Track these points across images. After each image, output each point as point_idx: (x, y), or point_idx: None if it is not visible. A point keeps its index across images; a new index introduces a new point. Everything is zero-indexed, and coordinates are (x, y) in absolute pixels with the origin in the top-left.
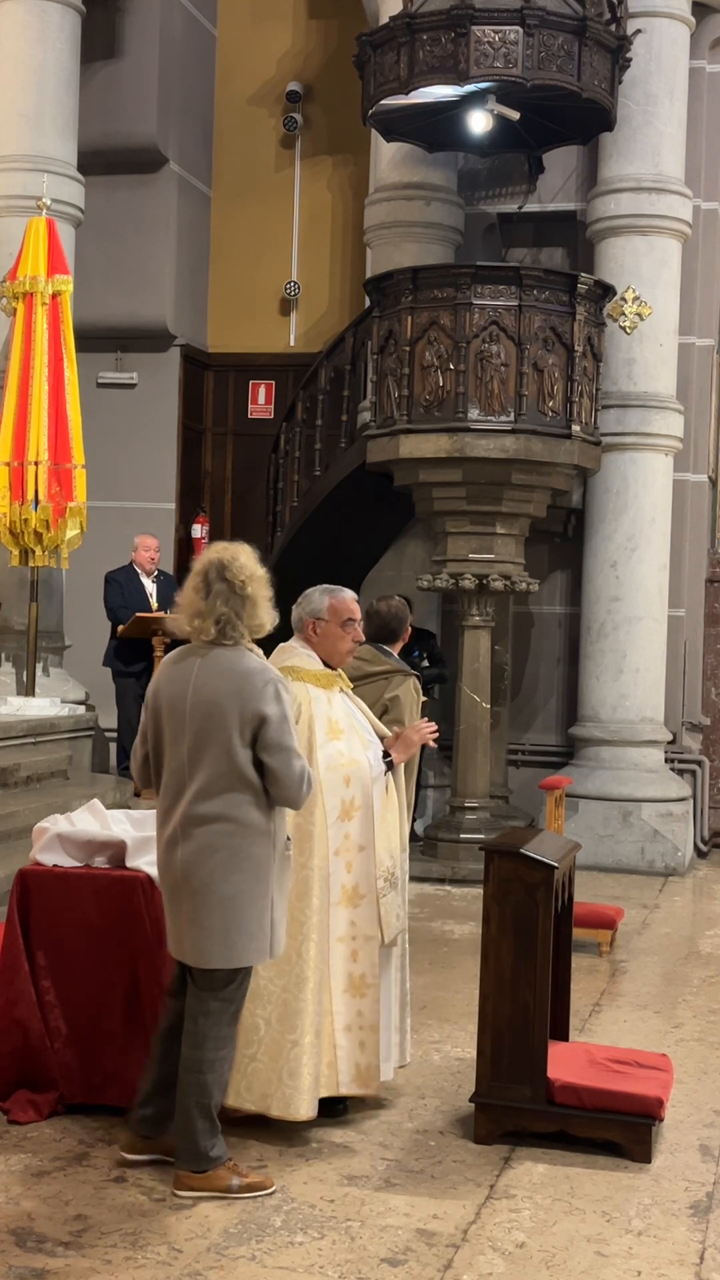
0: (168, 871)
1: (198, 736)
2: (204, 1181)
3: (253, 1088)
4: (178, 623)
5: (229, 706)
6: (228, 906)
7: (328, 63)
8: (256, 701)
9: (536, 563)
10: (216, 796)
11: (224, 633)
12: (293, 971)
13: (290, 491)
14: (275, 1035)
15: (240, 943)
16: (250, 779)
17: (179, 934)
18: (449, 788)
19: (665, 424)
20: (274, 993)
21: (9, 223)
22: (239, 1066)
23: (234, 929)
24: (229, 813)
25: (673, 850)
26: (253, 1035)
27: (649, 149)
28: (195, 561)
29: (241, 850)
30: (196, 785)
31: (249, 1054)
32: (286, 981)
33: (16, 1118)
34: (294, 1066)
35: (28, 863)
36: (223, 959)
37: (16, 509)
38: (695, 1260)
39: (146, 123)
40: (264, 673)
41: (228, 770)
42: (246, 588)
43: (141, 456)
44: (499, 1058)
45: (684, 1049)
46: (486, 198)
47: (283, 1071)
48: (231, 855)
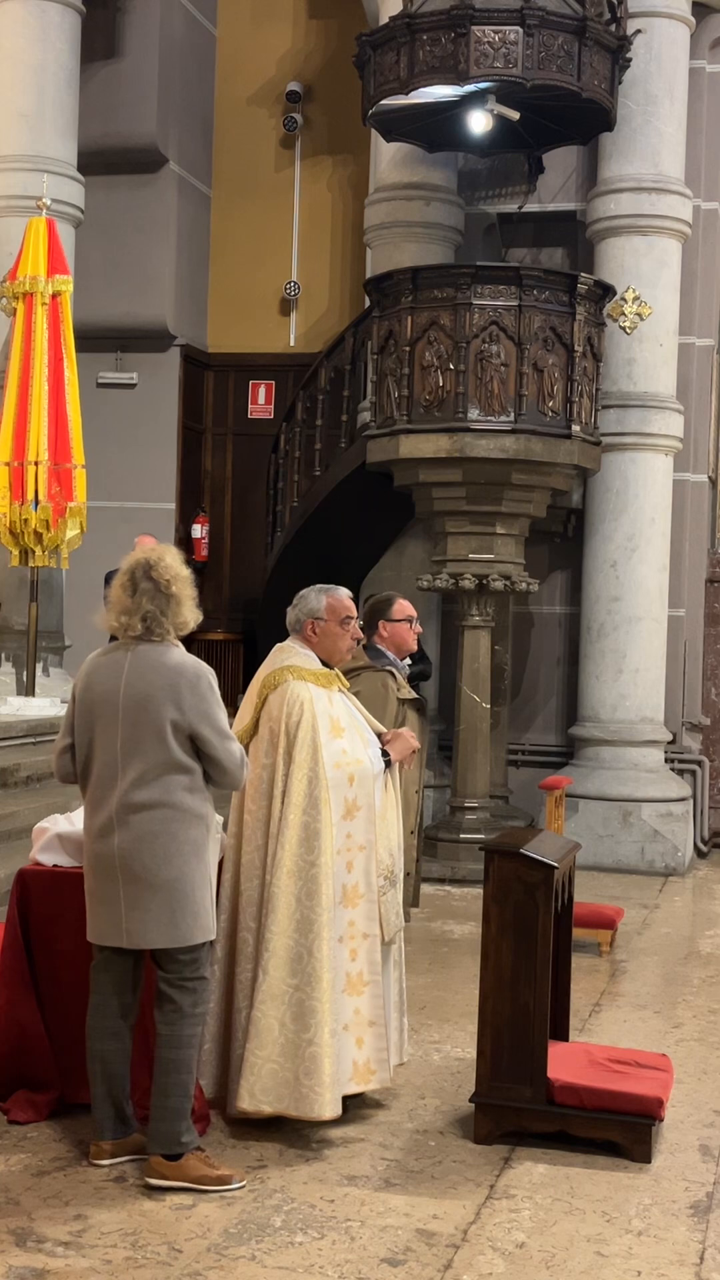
0: (103, 859)
1: (132, 728)
2: (177, 1170)
3: (269, 1090)
4: (105, 619)
5: (162, 699)
6: (172, 889)
7: (328, 63)
8: (191, 694)
9: (536, 563)
10: (153, 783)
11: (150, 629)
12: (305, 970)
13: (290, 491)
14: (290, 1035)
15: (186, 922)
16: (185, 765)
17: (114, 920)
18: (449, 788)
19: (665, 424)
20: (287, 993)
21: (9, 223)
22: (255, 1069)
23: (178, 910)
24: (166, 799)
25: (673, 850)
26: (267, 1037)
27: (649, 149)
28: (123, 561)
29: (180, 834)
30: (132, 774)
31: (264, 1055)
32: (300, 981)
33: (16, 1118)
34: (310, 1066)
35: (28, 863)
36: (173, 938)
37: (16, 509)
38: (695, 1260)
39: (146, 123)
40: (195, 666)
41: (164, 759)
42: (171, 586)
43: (141, 456)
44: (499, 1058)
45: (684, 1049)
46: (486, 198)
47: (299, 1072)
48: (171, 840)
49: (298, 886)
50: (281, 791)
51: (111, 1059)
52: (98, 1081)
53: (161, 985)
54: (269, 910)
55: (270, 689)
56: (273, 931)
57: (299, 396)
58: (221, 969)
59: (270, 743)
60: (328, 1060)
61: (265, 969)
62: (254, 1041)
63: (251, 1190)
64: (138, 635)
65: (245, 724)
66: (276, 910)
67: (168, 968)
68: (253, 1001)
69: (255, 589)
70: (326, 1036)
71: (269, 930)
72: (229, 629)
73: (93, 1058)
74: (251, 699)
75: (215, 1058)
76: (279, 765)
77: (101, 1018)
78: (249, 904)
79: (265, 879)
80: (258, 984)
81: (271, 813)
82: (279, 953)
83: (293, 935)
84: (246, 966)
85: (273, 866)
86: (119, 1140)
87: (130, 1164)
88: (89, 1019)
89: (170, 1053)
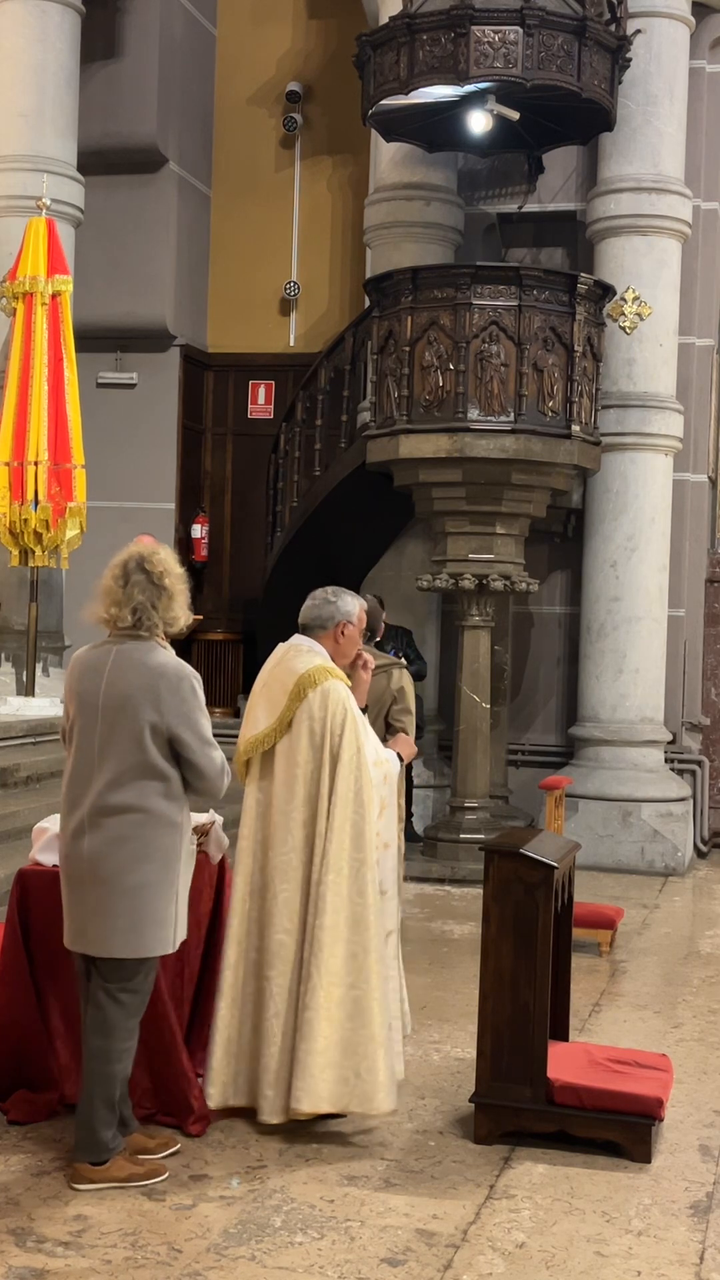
0: (73, 861)
1: (110, 728)
2: (103, 1174)
3: (330, 1088)
4: (94, 611)
5: (142, 700)
6: (136, 896)
7: (328, 63)
8: (171, 696)
9: (536, 563)
10: (127, 787)
11: (140, 622)
12: (359, 968)
13: (290, 491)
14: (347, 1033)
15: (149, 933)
16: (161, 770)
17: (81, 924)
18: (449, 788)
19: (665, 424)
20: (343, 991)
21: (9, 223)
22: (310, 1070)
23: (142, 919)
24: (139, 803)
25: (672, 850)
26: (323, 1037)
27: (649, 149)
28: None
29: (151, 841)
30: (107, 776)
31: (321, 1055)
32: (354, 979)
33: (16, 1118)
34: (369, 1062)
35: (27, 863)
36: (128, 948)
37: (16, 509)
38: (695, 1260)
39: (146, 123)
40: (178, 667)
41: (139, 762)
42: (164, 579)
43: (141, 456)
44: (499, 1058)
45: (684, 1049)
46: (486, 198)
47: (360, 1069)
48: (141, 846)
49: (349, 886)
50: (328, 791)
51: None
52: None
53: (98, 993)
54: (319, 910)
55: (310, 687)
56: (325, 931)
57: (299, 396)
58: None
59: (311, 742)
60: (383, 1054)
61: (318, 969)
62: (309, 1043)
63: (251, 1190)
64: (127, 628)
65: (271, 725)
66: (326, 910)
67: (110, 976)
68: (303, 1003)
69: (255, 589)
70: (381, 1031)
71: (320, 930)
72: (229, 629)
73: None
74: (278, 697)
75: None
76: (324, 765)
77: None
78: (285, 906)
79: (309, 879)
80: (309, 985)
81: (317, 811)
82: (334, 952)
83: (346, 934)
84: (284, 970)
85: (321, 866)
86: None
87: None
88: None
89: (98, 1066)
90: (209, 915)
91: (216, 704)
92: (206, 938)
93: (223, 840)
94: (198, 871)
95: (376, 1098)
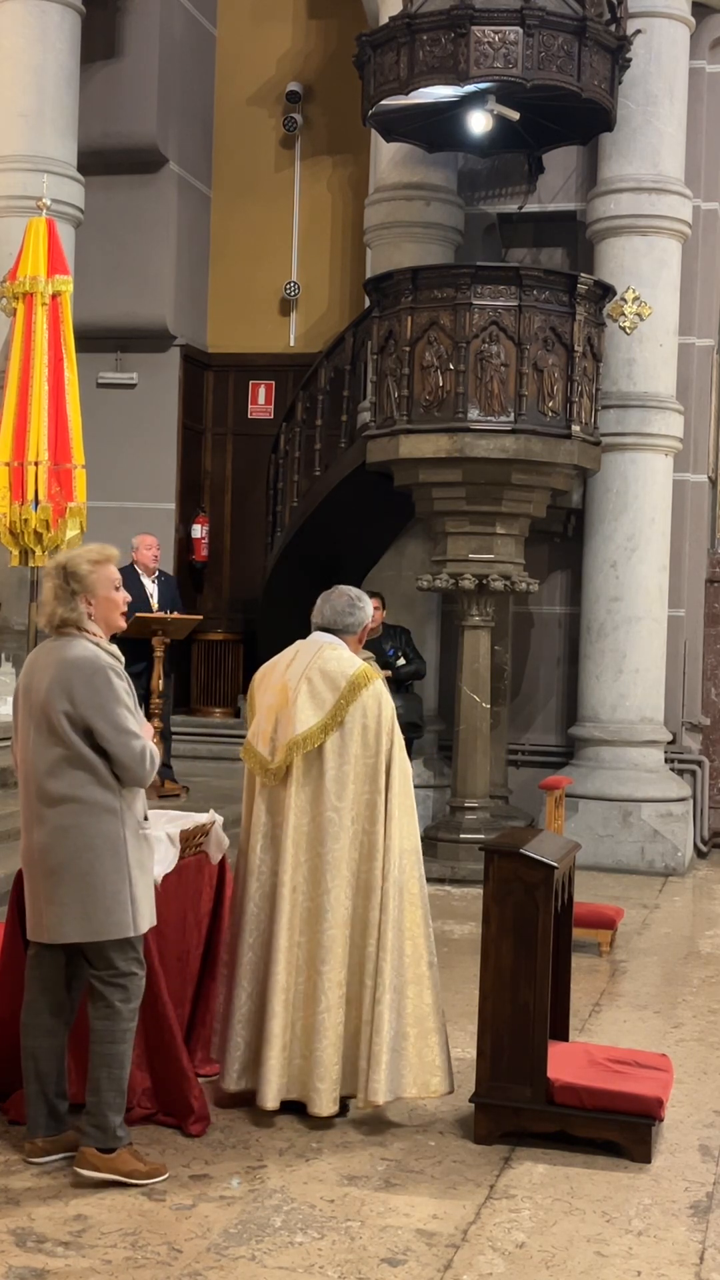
0: (27, 853)
1: (38, 723)
2: (109, 1163)
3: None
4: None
5: (58, 692)
6: (83, 883)
7: (328, 63)
8: (85, 687)
9: (536, 563)
10: (60, 777)
11: (54, 622)
12: (420, 961)
13: (290, 491)
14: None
15: (100, 917)
16: (87, 760)
17: (38, 914)
18: (449, 788)
19: (665, 424)
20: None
21: (9, 223)
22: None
23: (90, 904)
24: (74, 793)
25: (673, 850)
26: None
27: (649, 149)
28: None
29: (90, 828)
30: (42, 768)
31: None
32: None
33: (16, 1118)
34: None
35: None
36: (80, 933)
37: (16, 509)
38: (695, 1260)
39: (146, 123)
40: (93, 659)
41: (65, 754)
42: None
43: (141, 456)
44: (499, 1058)
45: (684, 1049)
46: (486, 198)
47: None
48: (81, 834)
49: (416, 883)
50: (383, 788)
51: (43, 1056)
52: (30, 1079)
53: (93, 982)
54: (385, 906)
55: (364, 686)
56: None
57: (299, 396)
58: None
59: (364, 740)
60: (440, 1038)
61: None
62: (380, 1037)
63: (251, 1190)
64: (53, 628)
65: (322, 720)
66: (391, 906)
67: (96, 964)
68: (375, 997)
69: (255, 589)
70: (439, 1017)
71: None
72: (229, 629)
73: (25, 1055)
74: (324, 694)
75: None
76: (380, 764)
77: (34, 1014)
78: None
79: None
80: (380, 981)
81: (374, 810)
82: (400, 949)
83: (408, 925)
84: (335, 965)
85: (384, 864)
86: (51, 1137)
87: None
88: (23, 1016)
89: (104, 1048)
90: (209, 915)
91: (216, 704)
92: (207, 938)
93: (223, 840)
94: (197, 871)
95: (436, 1079)
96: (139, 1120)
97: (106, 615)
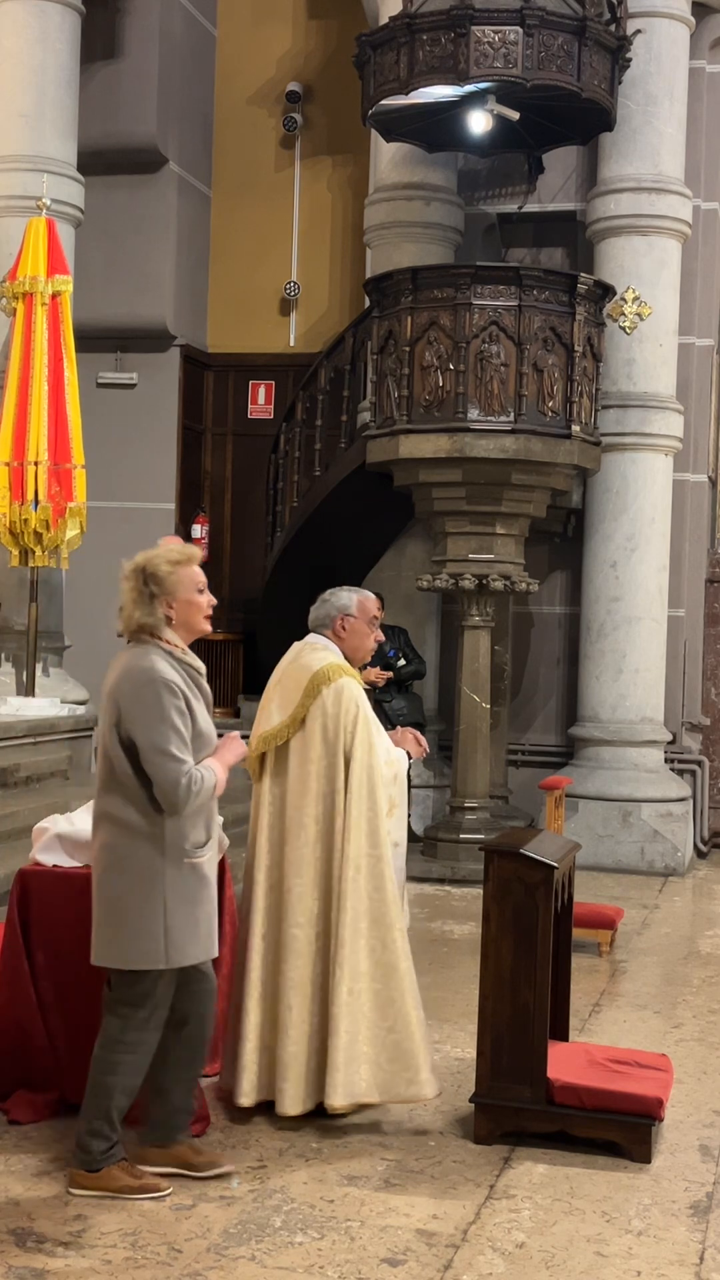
0: None
1: (100, 735)
2: (95, 1181)
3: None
4: None
5: (109, 704)
6: (112, 908)
7: (328, 63)
8: (133, 701)
9: (536, 563)
10: (105, 796)
11: (130, 628)
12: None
13: (290, 491)
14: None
15: (128, 945)
16: (124, 781)
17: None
18: (449, 788)
19: (665, 424)
20: (368, 986)
21: (9, 223)
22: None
23: (119, 931)
24: (112, 813)
25: (672, 850)
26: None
27: (649, 149)
28: None
29: (123, 852)
30: (98, 781)
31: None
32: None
33: (16, 1118)
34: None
35: (28, 863)
36: (108, 958)
37: (16, 509)
38: (695, 1260)
39: (146, 123)
40: (147, 671)
41: (108, 772)
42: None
43: (141, 456)
44: (499, 1058)
45: (684, 1049)
46: (486, 198)
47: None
48: (115, 858)
49: (367, 882)
50: (342, 788)
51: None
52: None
53: (105, 1001)
54: (340, 908)
55: (324, 684)
56: (345, 927)
57: (299, 396)
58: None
59: (324, 739)
60: (418, 1041)
61: (340, 965)
62: (334, 1039)
63: (251, 1190)
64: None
65: (284, 721)
66: (346, 908)
67: (112, 985)
68: (329, 999)
69: (255, 589)
70: (413, 1023)
71: (341, 927)
72: (229, 629)
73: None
74: (292, 693)
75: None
76: (338, 762)
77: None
78: (299, 901)
79: (324, 875)
80: (332, 981)
81: (333, 808)
82: (356, 948)
83: (366, 929)
84: (298, 964)
85: (341, 863)
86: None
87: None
88: None
89: (96, 1074)
90: None
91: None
92: None
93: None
94: None
95: (411, 1088)
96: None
97: (188, 619)
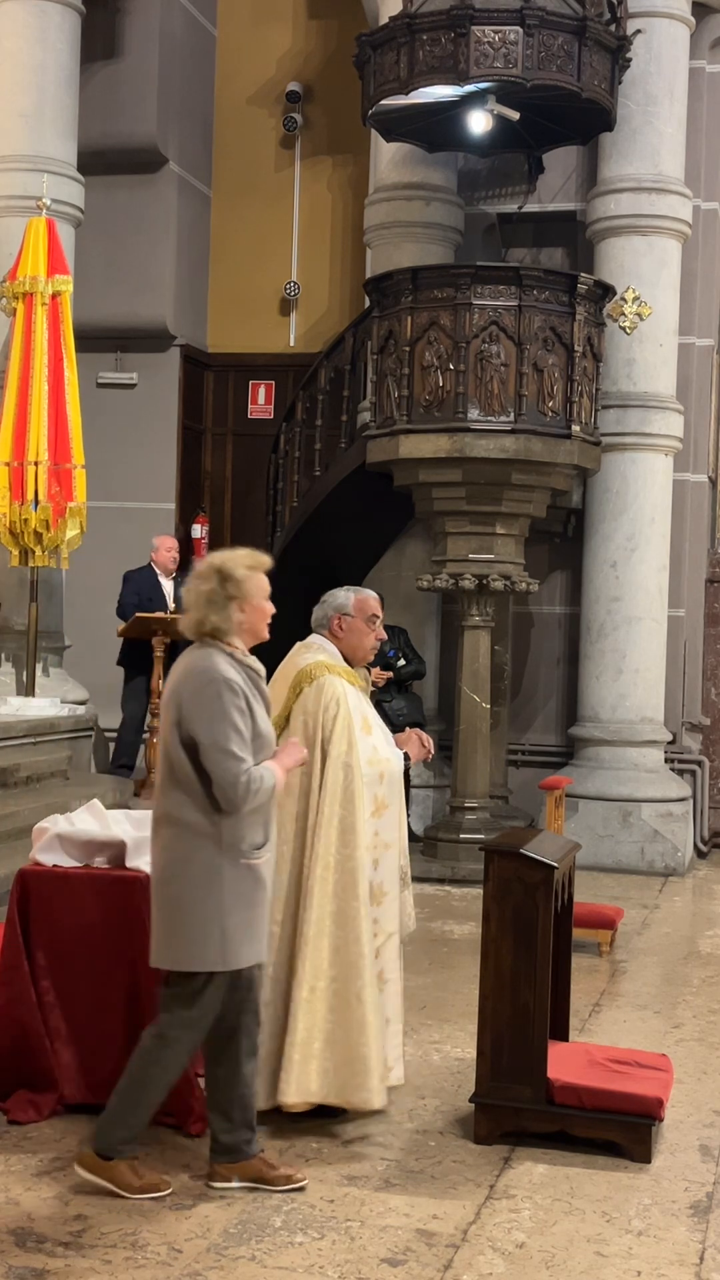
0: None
1: (162, 736)
2: (105, 1170)
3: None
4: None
5: (171, 704)
6: (170, 908)
7: (328, 63)
8: (194, 699)
9: (536, 563)
10: (165, 796)
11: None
12: (344, 963)
13: (290, 491)
14: (331, 1028)
15: (179, 946)
16: (186, 780)
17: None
18: (449, 788)
19: (665, 424)
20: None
21: (9, 223)
22: (295, 1062)
23: (175, 932)
24: (173, 813)
25: (672, 850)
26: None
27: (649, 149)
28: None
29: (182, 853)
30: (159, 782)
31: (307, 1048)
32: (337, 973)
33: (16, 1118)
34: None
35: (28, 863)
36: (164, 959)
37: (16, 509)
38: (695, 1260)
39: (146, 123)
40: (208, 670)
41: (169, 771)
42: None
43: (141, 456)
44: (499, 1058)
45: (684, 1049)
46: (486, 198)
47: (342, 1061)
48: (174, 858)
49: (335, 881)
50: (318, 785)
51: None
52: None
53: (160, 1000)
54: (306, 905)
55: (306, 682)
56: (310, 925)
57: (299, 396)
58: None
59: (304, 737)
60: (372, 1050)
61: (301, 963)
62: (290, 1036)
63: (251, 1190)
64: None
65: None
66: (312, 905)
67: (168, 981)
68: (291, 996)
69: None
70: (370, 1028)
71: (306, 924)
72: None
73: None
74: (280, 694)
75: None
76: (314, 760)
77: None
78: (275, 898)
79: (299, 873)
80: (294, 979)
81: (309, 806)
82: (318, 946)
83: (330, 929)
84: (273, 960)
85: (310, 860)
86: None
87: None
88: None
89: (136, 1065)
90: None
91: None
92: None
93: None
94: None
95: (360, 1094)
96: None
97: (255, 624)
